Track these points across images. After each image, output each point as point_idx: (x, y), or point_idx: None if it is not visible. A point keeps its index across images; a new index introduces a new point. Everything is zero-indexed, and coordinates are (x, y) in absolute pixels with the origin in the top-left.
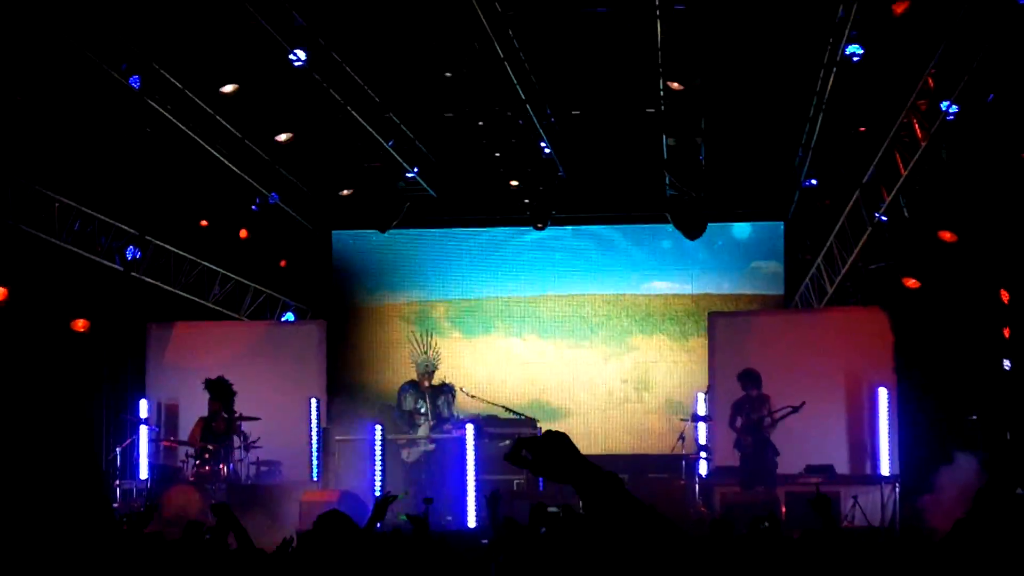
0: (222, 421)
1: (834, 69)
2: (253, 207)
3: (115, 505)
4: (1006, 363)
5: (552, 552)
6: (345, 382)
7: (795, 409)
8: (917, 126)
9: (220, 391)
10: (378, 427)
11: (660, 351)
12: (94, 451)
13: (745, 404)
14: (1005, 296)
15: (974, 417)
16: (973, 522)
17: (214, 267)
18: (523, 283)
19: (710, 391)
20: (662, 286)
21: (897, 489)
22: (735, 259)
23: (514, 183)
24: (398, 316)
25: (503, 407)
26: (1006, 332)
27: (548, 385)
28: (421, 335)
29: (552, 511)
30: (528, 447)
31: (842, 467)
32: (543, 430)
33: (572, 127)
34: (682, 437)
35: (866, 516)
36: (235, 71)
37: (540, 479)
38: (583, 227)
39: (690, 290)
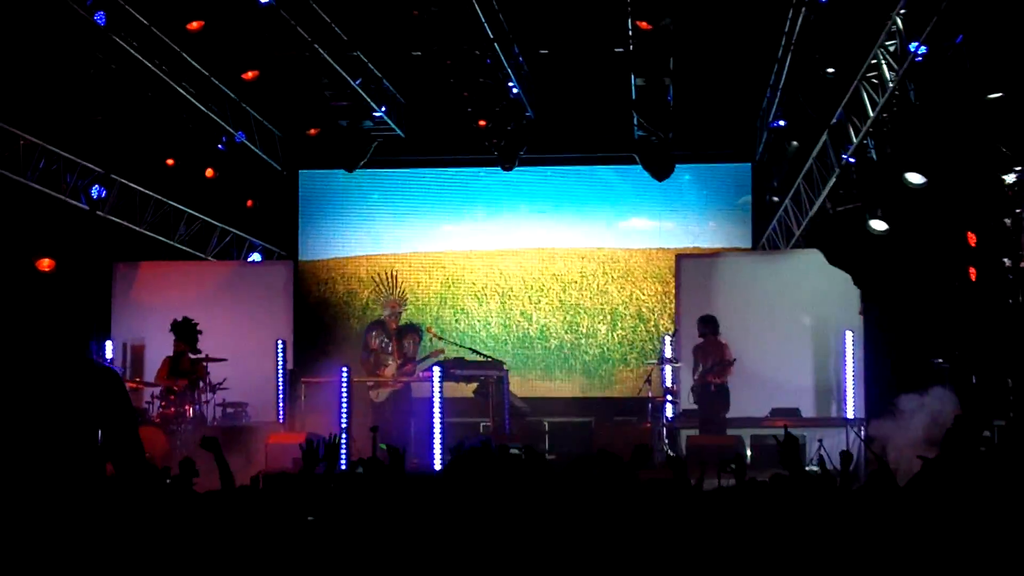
0: (187, 361)
1: (803, 9)
2: (220, 146)
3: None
4: None
5: (508, 493)
6: (312, 323)
7: (727, 364)
8: (886, 67)
9: (184, 332)
10: (345, 369)
11: (638, 306)
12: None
13: (698, 350)
14: (972, 239)
15: (940, 360)
16: (943, 465)
17: (180, 206)
18: (490, 230)
19: (676, 334)
20: (640, 224)
21: (863, 432)
22: (709, 199)
23: (482, 123)
24: (365, 257)
25: (470, 349)
26: (972, 274)
27: (518, 336)
28: (387, 275)
29: (514, 452)
30: None
31: (808, 410)
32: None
33: (541, 67)
34: (648, 380)
35: (830, 459)
36: (202, 8)
37: (507, 422)
38: (551, 167)
39: (661, 230)
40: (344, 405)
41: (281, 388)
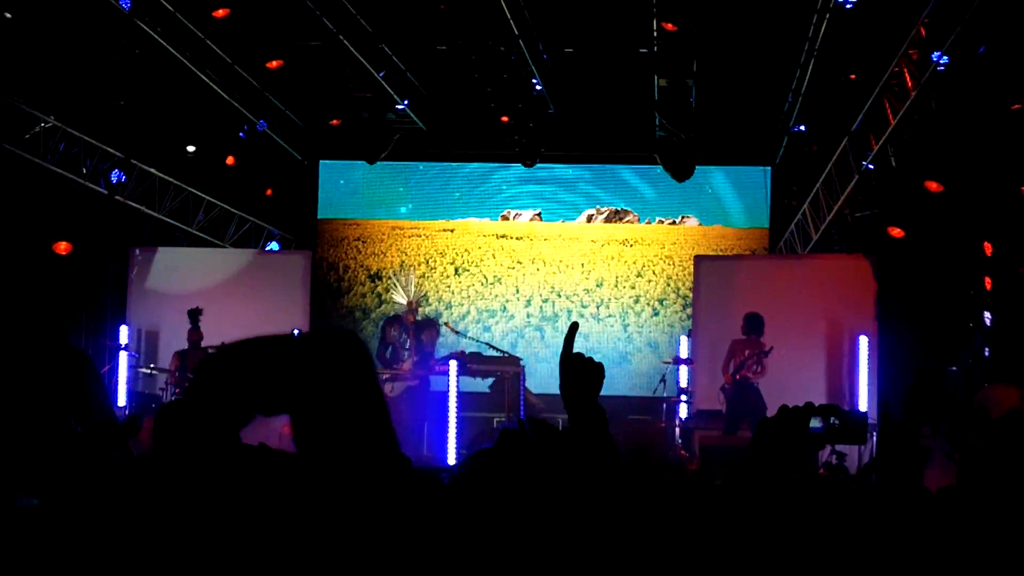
0: (200, 352)
1: (827, 15)
2: (241, 134)
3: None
4: (987, 315)
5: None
6: (329, 314)
7: (764, 354)
8: (908, 76)
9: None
10: None
11: (647, 295)
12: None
13: (737, 347)
14: (988, 248)
15: (954, 369)
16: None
17: (199, 193)
18: (508, 224)
19: (693, 334)
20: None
21: (874, 437)
22: (727, 200)
23: (504, 119)
24: (384, 249)
25: (487, 344)
26: (987, 283)
27: (531, 324)
28: (406, 269)
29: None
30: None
31: None
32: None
33: (564, 64)
34: (663, 380)
35: (843, 464)
36: None
37: (523, 416)
38: (572, 165)
39: (678, 232)
40: None
41: None
